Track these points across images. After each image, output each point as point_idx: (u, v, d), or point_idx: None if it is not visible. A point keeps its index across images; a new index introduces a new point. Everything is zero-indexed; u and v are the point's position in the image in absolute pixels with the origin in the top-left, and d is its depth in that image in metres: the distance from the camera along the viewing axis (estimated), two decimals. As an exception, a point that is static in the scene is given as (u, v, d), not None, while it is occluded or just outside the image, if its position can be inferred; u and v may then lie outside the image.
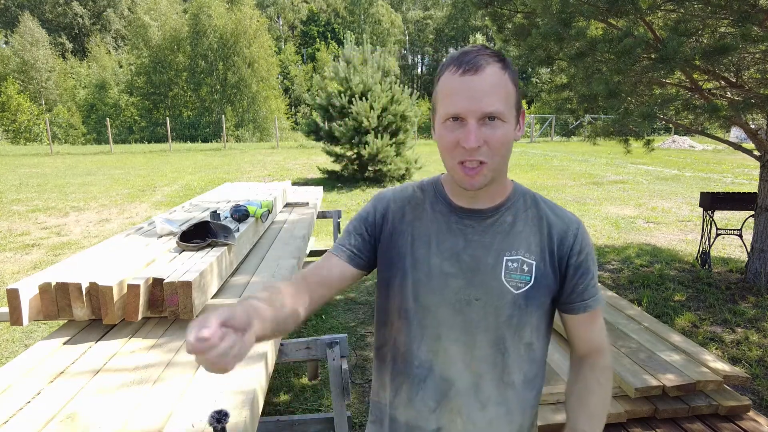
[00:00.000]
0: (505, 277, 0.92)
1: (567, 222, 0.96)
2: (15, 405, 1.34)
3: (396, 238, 0.98)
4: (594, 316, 0.99)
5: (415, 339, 0.96)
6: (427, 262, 0.94)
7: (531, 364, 0.97)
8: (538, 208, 0.97)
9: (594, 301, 0.98)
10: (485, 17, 5.05)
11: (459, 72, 0.84)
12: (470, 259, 0.92)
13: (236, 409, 1.33)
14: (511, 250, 0.93)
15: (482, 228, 0.94)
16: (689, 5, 3.71)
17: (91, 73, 37.84)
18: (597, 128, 4.79)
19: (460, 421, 0.95)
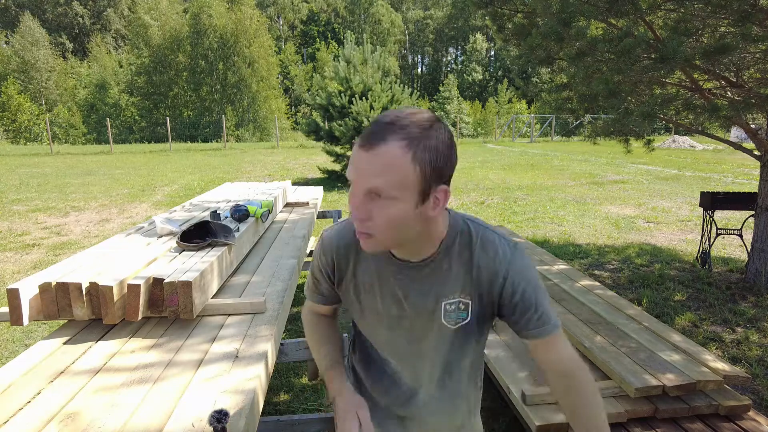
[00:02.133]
0: (444, 318, 1.00)
1: (497, 264, 0.95)
2: (15, 404, 1.34)
3: (345, 283, 1.06)
4: (548, 343, 0.98)
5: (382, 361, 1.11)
6: (376, 308, 1.03)
7: (476, 371, 1.14)
8: (471, 250, 0.96)
9: (540, 331, 0.97)
10: (485, 17, 5.05)
11: (358, 143, 0.82)
12: (411, 306, 1.00)
13: (236, 409, 1.33)
14: (449, 296, 0.98)
15: (420, 277, 0.98)
16: (689, 5, 3.71)
17: (92, 73, 37.86)
18: (597, 128, 4.79)
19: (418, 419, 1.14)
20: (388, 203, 0.82)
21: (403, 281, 0.98)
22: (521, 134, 29.43)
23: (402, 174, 0.80)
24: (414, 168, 0.80)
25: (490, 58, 55.65)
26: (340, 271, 1.05)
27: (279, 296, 2.16)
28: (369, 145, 0.80)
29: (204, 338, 1.78)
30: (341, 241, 1.03)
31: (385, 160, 0.79)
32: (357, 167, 0.82)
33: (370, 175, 0.80)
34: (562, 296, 3.12)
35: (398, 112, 0.83)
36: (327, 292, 1.11)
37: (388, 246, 0.90)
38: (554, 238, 6.34)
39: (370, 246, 0.88)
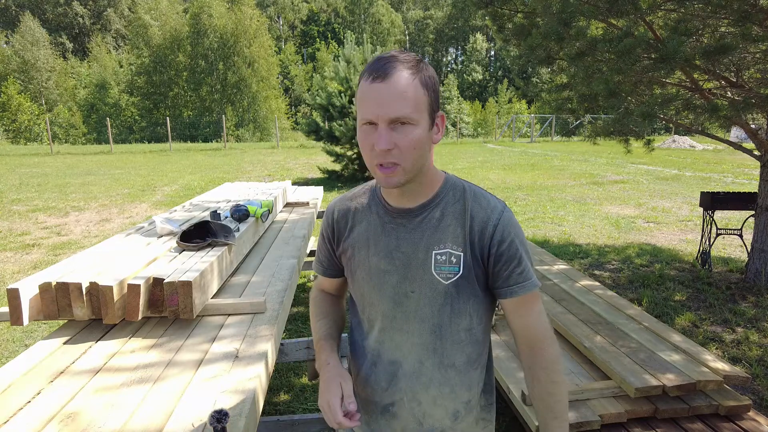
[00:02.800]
0: (435, 269, 0.99)
1: (489, 212, 0.99)
2: (15, 404, 1.34)
3: (343, 243, 1.09)
4: (524, 302, 1.01)
5: (365, 329, 1.09)
6: (367, 262, 1.04)
7: (474, 345, 1.05)
8: (464, 201, 1.01)
9: (521, 287, 0.99)
10: (485, 17, 5.05)
11: (369, 80, 0.89)
12: (402, 255, 1.00)
13: (236, 409, 1.33)
14: (439, 244, 0.99)
15: (412, 225, 1.01)
16: (689, 5, 3.71)
17: (92, 73, 37.86)
18: (597, 128, 4.78)
19: (407, 399, 1.05)
20: (410, 129, 0.89)
21: (396, 230, 1.01)
22: (521, 134, 29.43)
23: (417, 97, 0.89)
24: (424, 91, 0.90)
25: (490, 58, 55.65)
26: (339, 232, 1.09)
27: (279, 296, 2.16)
28: (384, 75, 0.87)
29: (204, 338, 1.78)
30: (340, 205, 1.11)
31: (402, 87, 0.87)
32: (378, 99, 0.87)
33: (393, 103, 0.87)
34: (562, 296, 3.12)
35: (392, 51, 0.92)
36: (326, 260, 1.15)
37: (409, 176, 0.93)
38: (554, 238, 6.34)
39: (395, 177, 0.91)
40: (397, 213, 1.02)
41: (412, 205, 1.01)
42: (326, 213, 1.13)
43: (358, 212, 1.07)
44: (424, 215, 1.00)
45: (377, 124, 0.89)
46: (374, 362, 1.08)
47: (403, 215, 1.01)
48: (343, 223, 1.09)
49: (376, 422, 1.10)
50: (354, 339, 1.15)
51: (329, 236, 1.12)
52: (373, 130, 0.90)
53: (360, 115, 0.92)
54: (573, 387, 2.20)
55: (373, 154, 0.91)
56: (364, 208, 1.07)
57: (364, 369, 1.10)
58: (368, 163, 0.94)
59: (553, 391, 1.03)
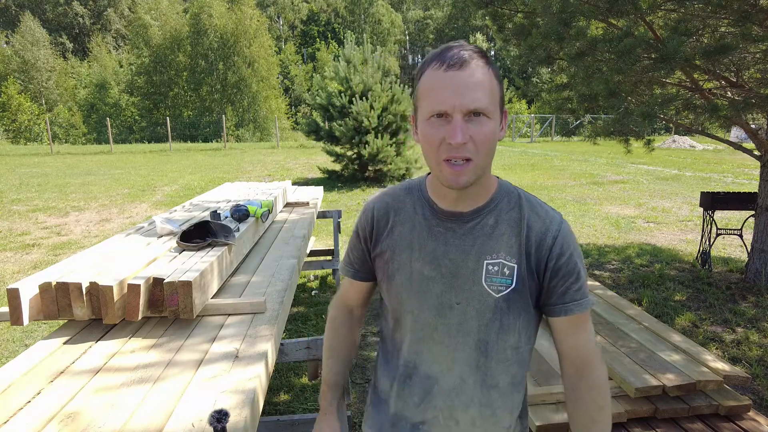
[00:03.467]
0: (485, 281, 0.91)
1: (547, 223, 0.93)
2: (15, 404, 1.34)
3: (382, 243, 1.00)
4: (577, 322, 0.95)
5: (402, 338, 1.00)
6: (409, 266, 0.95)
7: (519, 366, 0.98)
8: (520, 209, 0.94)
9: (576, 305, 0.93)
10: (485, 17, 5.05)
11: (443, 67, 0.82)
12: (450, 263, 0.92)
13: (236, 408, 1.33)
14: (492, 254, 0.91)
15: (463, 231, 0.93)
16: (689, 5, 3.71)
17: (92, 73, 37.85)
18: (597, 128, 4.79)
19: (442, 417, 0.97)
20: (485, 121, 0.83)
21: (444, 235, 0.93)
22: (521, 134, 29.43)
23: (493, 89, 0.84)
24: (497, 84, 0.86)
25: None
26: (378, 230, 1.01)
27: (279, 296, 2.16)
28: (461, 63, 0.81)
29: (204, 338, 1.78)
30: (380, 203, 1.03)
31: (479, 76, 0.82)
32: (455, 88, 0.81)
33: (472, 94, 0.81)
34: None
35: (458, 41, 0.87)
36: (359, 261, 1.07)
37: (479, 174, 0.87)
38: (554, 238, 6.33)
39: (465, 176, 0.84)
40: (448, 216, 0.94)
41: (465, 209, 0.93)
42: (365, 210, 1.05)
43: (401, 212, 0.99)
44: (477, 221, 0.93)
45: (451, 116, 0.82)
46: (409, 375, 0.99)
47: (454, 219, 0.94)
48: (383, 221, 1.00)
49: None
50: (386, 348, 1.07)
51: (366, 235, 1.03)
52: (444, 123, 0.83)
53: (428, 107, 0.84)
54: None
55: (443, 148, 0.83)
56: (408, 208, 0.99)
57: (397, 381, 1.02)
58: (434, 159, 0.86)
59: (598, 418, 0.96)
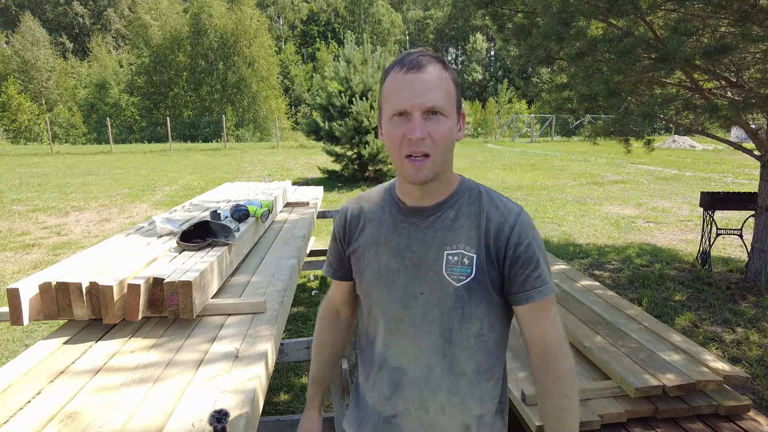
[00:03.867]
0: (446, 270, 0.96)
1: (506, 214, 0.97)
2: (15, 404, 1.34)
3: (354, 242, 1.07)
4: (538, 309, 0.98)
5: (375, 332, 1.05)
6: (377, 261, 1.02)
7: (484, 354, 1.00)
8: (480, 203, 0.99)
9: (536, 292, 0.96)
10: (485, 17, 5.05)
11: (403, 71, 0.89)
12: (413, 255, 0.98)
13: (236, 408, 1.33)
14: (452, 245, 0.96)
15: (425, 225, 0.99)
16: (689, 5, 3.71)
17: (92, 73, 37.85)
18: (597, 128, 4.79)
19: (413, 408, 1.01)
20: (442, 120, 0.90)
21: (408, 229, 1.00)
22: (521, 134, 29.42)
23: (449, 90, 0.91)
24: (453, 87, 0.93)
25: (490, 58, 55.64)
26: (351, 231, 1.08)
27: (279, 296, 2.16)
28: (418, 67, 0.89)
29: (204, 338, 1.78)
30: (354, 205, 1.10)
31: (436, 79, 0.90)
32: (414, 89, 0.88)
33: (429, 92, 0.88)
34: (562, 296, 3.12)
35: (418, 49, 0.94)
36: (336, 261, 1.14)
37: (437, 170, 0.93)
38: (554, 238, 6.34)
39: (424, 171, 0.91)
40: (411, 212, 1.00)
41: (427, 204, 0.99)
42: (340, 213, 1.12)
43: (371, 212, 1.06)
44: (438, 215, 0.99)
45: (410, 114, 0.89)
46: (380, 366, 1.05)
47: (417, 214, 1.00)
48: (355, 222, 1.08)
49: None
50: (362, 344, 1.13)
51: (341, 237, 1.10)
52: (404, 121, 0.90)
53: (390, 107, 0.91)
54: (573, 387, 2.20)
55: (404, 145, 0.90)
56: (377, 207, 1.06)
57: (371, 375, 1.07)
58: (397, 156, 0.93)
59: (564, 405, 0.98)
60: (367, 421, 1.08)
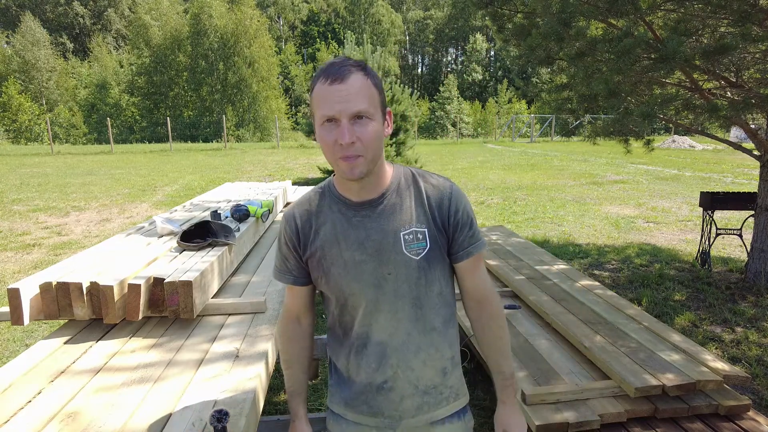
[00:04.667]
0: (405, 249, 1.09)
1: (441, 189, 1.13)
2: (16, 404, 1.35)
3: (311, 246, 1.14)
4: (477, 261, 1.17)
5: (351, 318, 1.15)
6: (341, 257, 1.11)
7: (446, 307, 1.18)
8: (416, 184, 1.14)
9: (474, 247, 1.15)
10: (485, 17, 5.05)
11: (328, 82, 0.98)
12: (374, 243, 1.09)
13: (237, 408, 1.33)
14: (404, 226, 1.10)
15: (376, 215, 1.10)
16: (689, 5, 3.71)
17: (92, 73, 37.86)
18: (597, 128, 4.79)
19: (401, 371, 1.14)
20: (368, 122, 0.99)
21: (362, 222, 1.10)
22: (521, 134, 29.42)
23: (372, 95, 1.01)
24: (376, 91, 1.02)
25: (490, 58, 55.63)
26: (305, 236, 1.14)
27: (279, 296, 2.17)
28: (341, 78, 0.98)
29: (204, 338, 1.78)
30: (301, 209, 1.16)
31: (359, 86, 0.99)
32: (339, 98, 0.97)
33: (353, 100, 0.97)
34: (562, 296, 3.13)
35: (341, 57, 1.04)
36: (295, 268, 1.18)
37: (370, 167, 1.03)
38: (554, 238, 6.34)
39: (358, 168, 1.01)
40: (360, 206, 1.11)
41: (372, 197, 1.10)
42: (286, 222, 1.17)
43: (320, 214, 1.14)
44: (385, 203, 1.10)
45: (339, 121, 0.98)
46: (363, 345, 1.14)
47: (366, 207, 1.10)
48: (307, 227, 1.14)
49: (374, 400, 1.16)
50: (335, 333, 1.20)
51: (295, 244, 1.15)
52: (334, 127, 0.99)
53: (320, 114, 1.00)
54: (573, 387, 2.20)
55: (336, 149, 1.00)
56: (324, 209, 1.14)
57: (352, 356, 1.16)
58: (331, 159, 1.02)
59: (502, 335, 1.21)
60: (357, 396, 1.17)
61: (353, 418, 1.19)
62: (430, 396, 1.17)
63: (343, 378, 1.21)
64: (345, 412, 1.21)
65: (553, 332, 2.79)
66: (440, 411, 1.19)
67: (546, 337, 2.74)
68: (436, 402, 1.18)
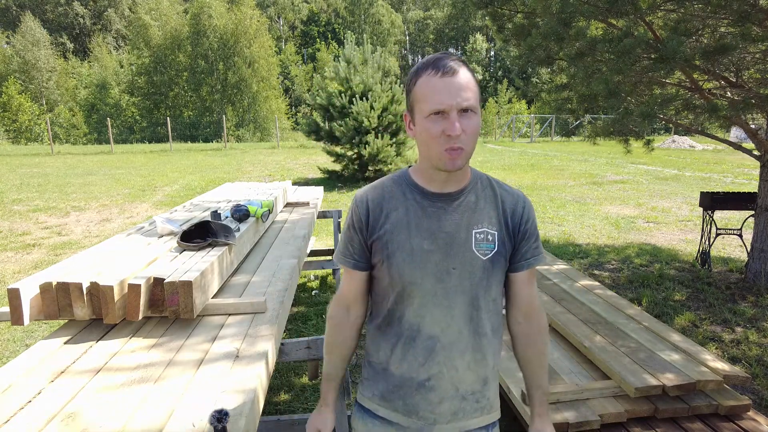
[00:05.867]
0: (475, 247, 1.11)
1: (516, 197, 1.18)
2: (16, 404, 1.35)
3: (379, 229, 1.14)
4: (533, 274, 1.20)
5: (405, 307, 1.14)
6: (409, 243, 1.11)
7: (496, 315, 1.18)
8: (492, 188, 1.17)
9: (536, 259, 1.18)
10: (485, 17, 5.05)
11: (438, 75, 1.02)
12: (445, 235, 1.10)
13: (237, 408, 1.33)
14: (478, 224, 1.12)
15: (452, 208, 1.12)
16: (689, 5, 3.71)
17: (92, 73, 37.84)
18: (597, 128, 4.79)
19: (446, 369, 1.13)
20: (474, 117, 1.04)
21: (437, 213, 1.11)
22: (521, 134, 29.41)
23: (476, 90, 1.05)
24: (477, 87, 1.07)
25: (490, 59, 55.62)
26: (375, 218, 1.15)
27: (279, 296, 2.17)
28: (452, 72, 1.02)
29: (204, 338, 1.78)
30: (374, 192, 1.17)
31: (467, 81, 1.03)
32: (450, 91, 1.01)
33: (464, 93, 1.01)
34: (562, 296, 3.13)
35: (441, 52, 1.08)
36: (358, 251, 1.18)
37: (468, 160, 1.06)
38: (554, 238, 6.34)
39: (460, 159, 1.04)
40: (437, 197, 1.12)
41: (451, 190, 1.12)
42: (357, 204, 1.17)
43: (393, 199, 1.15)
44: (462, 199, 1.13)
45: (448, 114, 1.01)
46: (413, 338, 1.14)
47: (443, 199, 1.12)
48: (378, 210, 1.14)
49: (412, 398, 1.15)
50: (380, 324, 1.19)
51: (362, 225, 1.15)
52: (441, 119, 1.01)
53: (427, 107, 1.02)
54: (573, 387, 2.20)
55: (443, 140, 1.02)
56: (398, 195, 1.15)
57: (399, 347, 1.15)
58: (434, 150, 1.04)
59: (545, 351, 1.24)
60: (395, 390, 1.17)
61: (385, 414, 1.18)
62: (468, 403, 1.16)
63: (380, 370, 1.20)
64: (377, 407, 1.20)
65: (553, 332, 2.79)
66: (474, 421, 1.18)
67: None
68: (472, 410, 1.17)
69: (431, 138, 1.03)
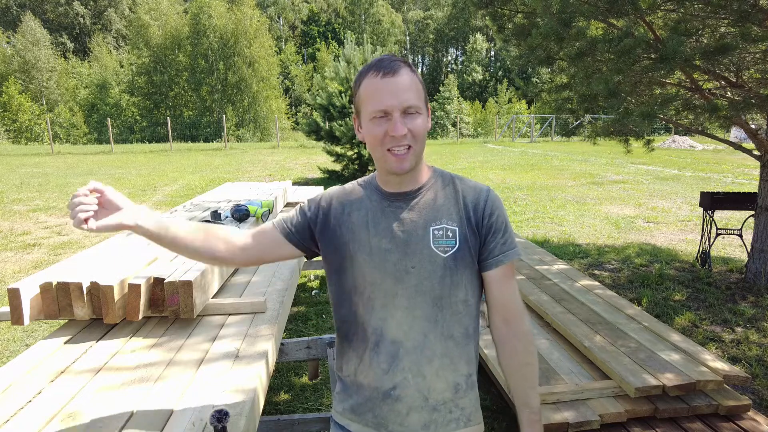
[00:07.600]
0: (433, 244, 1.07)
1: (478, 191, 1.13)
2: (16, 404, 1.35)
3: (339, 229, 1.13)
4: (507, 271, 1.12)
5: (367, 311, 1.10)
6: (368, 243, 1.09)
7: (469, 318, 1.12)
8: (453, 185, 1.14)
9: (506, 255, 1.11)
10: (485, 17, 5.05)
11: (379, 75, 1.01)
12: (403, 234, 1.08)
13: (237, 408, 1.33)
14: (436, 221, 1.09)
15: (410, 207, 1.10)
16: (689, 5, 3.71)
17: (93, 73, 37.88)
18: (597, 128, 4.79)
19: (411, 376, 1.08)
20: (417, 117, 1.02)
21: (394, 212, 1.10)
22: (521, 134, 29.42)
23: (419, 90, 1.04)
24: (421, 86, 1.05)
25: (490, 59, 55.63)
26: (336, 216, 1.14)
27: (279, 296, 2.17)
28: (393, 71, 1.01)
29: (204, 338, 1.78)
30: (341, 193, 1.18)
31: (409, 81, 1.02)
32: (392, 92, 1.00)
33: (406, 94, 1.00)
34: (562, 296, 3.13)
35: (386, 54, 1.06)
36: (298, 229, 1.17)
37: (417, 160, 1.06)
38: (554, 238, 6.34)
39: (408, 160, 1.03)
40: (395, 197, 1.11)
41: (408, 189, 1.11)
42: (323, 197, 1.18)
43: (356, 201, 1.15)
44: (419, 197, 1.11)
45: (391, 114, 1.00)
46: (377, 343, 1.09)
47: (401, 198, 1.11)
48: (339, 209, 1.15)
49: (380, 409, 1.10)
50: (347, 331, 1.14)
51: (313, 216, 1.16)
52: (384, 121, 1.01)
53: (370, 108, 1.02)
54: (573, 387, 2.20)
55: (386, 141, 1.02)
56: (360, 197, 1.15)
57: (366, 355, 1.11)
58: (380, 151, 1.04)
59: (530, 360, 1.13)
60: (364, 404, 1.12)
61: (357, 429, 1.13)
62: (439, 413, 1.09)
63: (349, 384, 1.16)
64: (349, 422, 1.15)
65: (553, 332, 2.79)
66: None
67: (546, 337, 2.74)
68: (444, 422, 1.09)
69: (375, 140, 1.03)
